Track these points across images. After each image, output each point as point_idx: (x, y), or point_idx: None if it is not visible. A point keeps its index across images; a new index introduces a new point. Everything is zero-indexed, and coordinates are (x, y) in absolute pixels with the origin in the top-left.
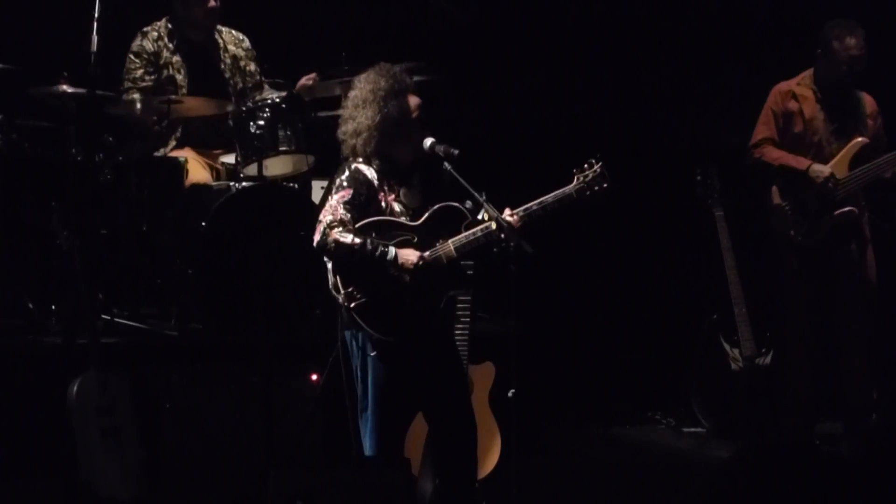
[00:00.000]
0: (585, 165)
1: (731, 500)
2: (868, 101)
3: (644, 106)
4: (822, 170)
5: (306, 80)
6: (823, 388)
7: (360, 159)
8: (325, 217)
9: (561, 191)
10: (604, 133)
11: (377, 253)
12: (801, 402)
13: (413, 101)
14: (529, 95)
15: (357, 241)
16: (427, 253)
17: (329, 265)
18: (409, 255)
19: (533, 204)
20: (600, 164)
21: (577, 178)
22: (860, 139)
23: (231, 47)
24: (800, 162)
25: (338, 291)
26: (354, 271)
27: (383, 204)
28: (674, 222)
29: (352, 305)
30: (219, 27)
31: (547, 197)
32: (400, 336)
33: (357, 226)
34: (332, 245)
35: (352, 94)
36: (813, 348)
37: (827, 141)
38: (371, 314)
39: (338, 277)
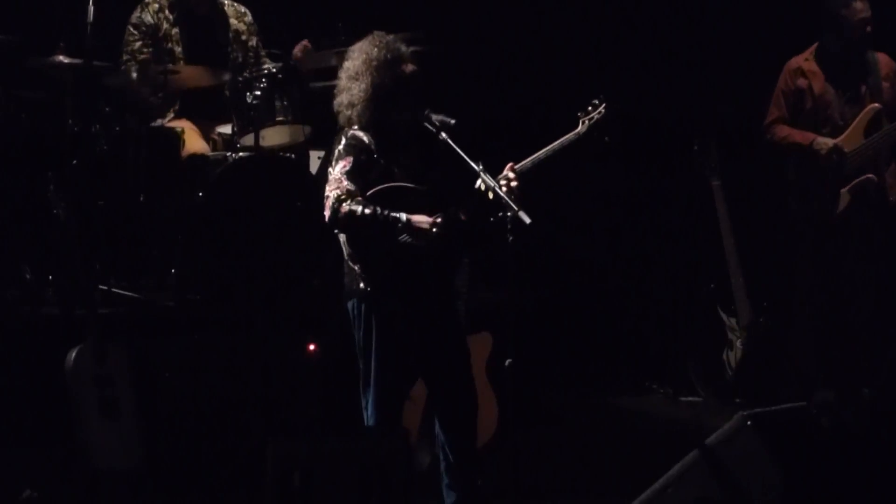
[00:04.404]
0: (590, 107)
1: (729, 469)
2: (884, 62)
3: (642, 75)
4: (824, 143)
5: (298, 48)
6: (823, 359)
7: (357, 127)
8: (332, 192)
9: (567, 137)
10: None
11: (389, 220)
12: (801, 373)
13: (408, 69)
14: (526, 65)
15: (368, 210)
16: (439, 216)
17: (342, 237)
18: (422, 220)
19: (540, 154)
20: (605, 104)
21: (583, 122)
22: (873, 105)
23: (233, 21)
24: (805, 137)
25: (354, 262)
26: (368, 240)
27: (384, 168)
28: (672, 193)
29: (366, 276)
30: (221, 0)
31: (553, 144)
32: (411, 303)
33: (365, 195)
34: (344, 218)
35: (346, 64)
36: (820, 320)
37: (840, 113)
38: (385, 283)
39: (353, 247)
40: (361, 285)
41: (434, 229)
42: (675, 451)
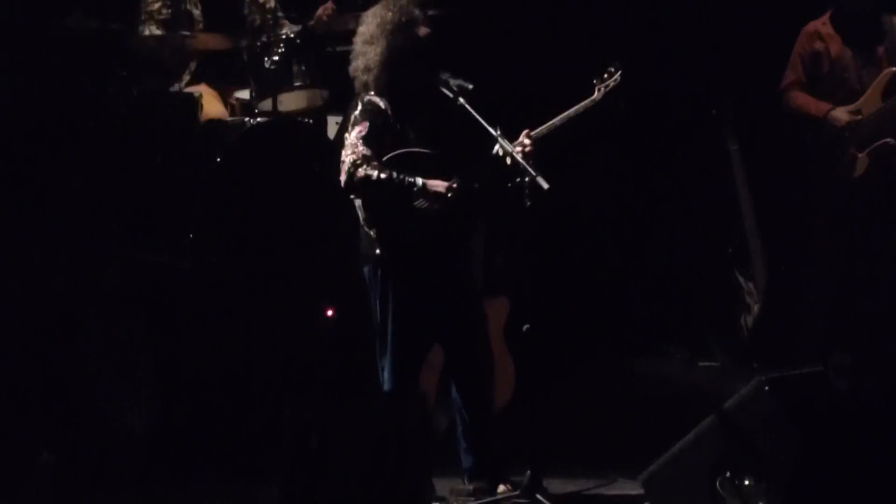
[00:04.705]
0: (605, 75)
1: (746, 434)
2: None
3: (659, 40)
4: (838, 117)
5: (323, 10)
6: (840, 323)
7: (373, 92)
8: (348, 156)
9: (582, 104)
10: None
11: (405, 184)
12: (818, 336)
13: (423, 32)
14: (542, 29)
15: (383, 175)
16: (454, 181)
17: (357, 202)
18: (438, 185)
19: (555, 120)
20: (620, 71)
21: (598, 88)
22: (890, 69)
23: None
24: (819, 109)
25: (369, 227)
26: (384, 205)
27: (400, 133)
28: (689, 157)
29: (381, 240)
30: None
31: (569, 111)
32: (427, 267)
33: (381, 160)
34: (360, 183)
35: (360, 28)
36: (838, 284)
37: (857, 76)
38: (400, 247)
39: (369, 212)
40: (377, 250)
41: (449, 194)
42: (692, 415)
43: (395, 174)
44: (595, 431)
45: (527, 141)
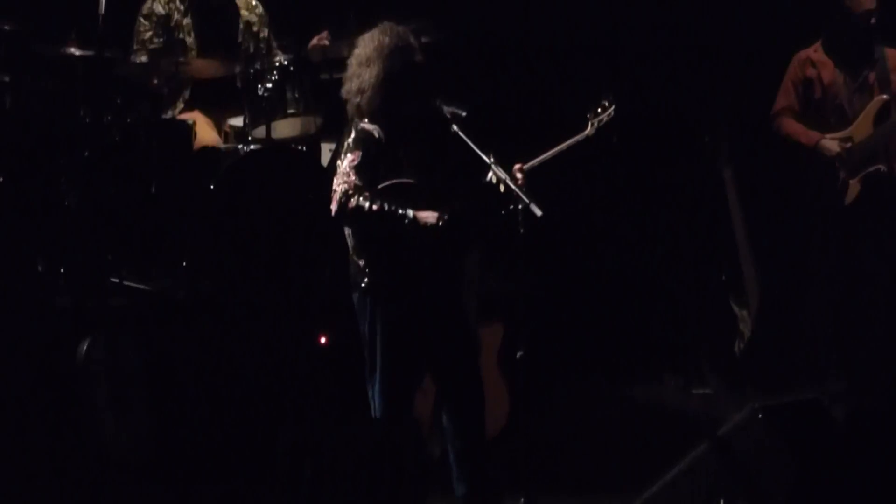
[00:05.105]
0: (599, 109)
1: (740, 461)
2: (892, 56)
3: (654, 64)
4: (829, 147)
5: (318, 39)
6: (835, 349)
7: (366, 119)
8: (340, 186)
9: (574, 139)
10: (612, 92)
11: (396, 216)
12: (814, 363)
13: (419, 59)
14: (537, 55)
15: (375, 206)
16: (445, 213)
17: (348, 230)
18: (428, 217)
19: (547, 155)
20: (614, 106)
21: (592, 123)
22: (881, 97)
23: (244, 12)
24: (809, 138)
25: (359, 256)
26: (374, 235)
27: (393, 162)
28: (683, 182)
29: (371, 269)
30: None
31: (561, 146)
32: (415, 297)
33: (373, 190)
34: (351, 213)
35: (356, 52)
36: (832, 310)
37: (849, 103)
38: (389, 277)
39: (358, 241)
40: (366, 279)
41: (440, 226)
42: (686, 442)
43: (386, 205)
44: (589, 458)
45: (519, 175)
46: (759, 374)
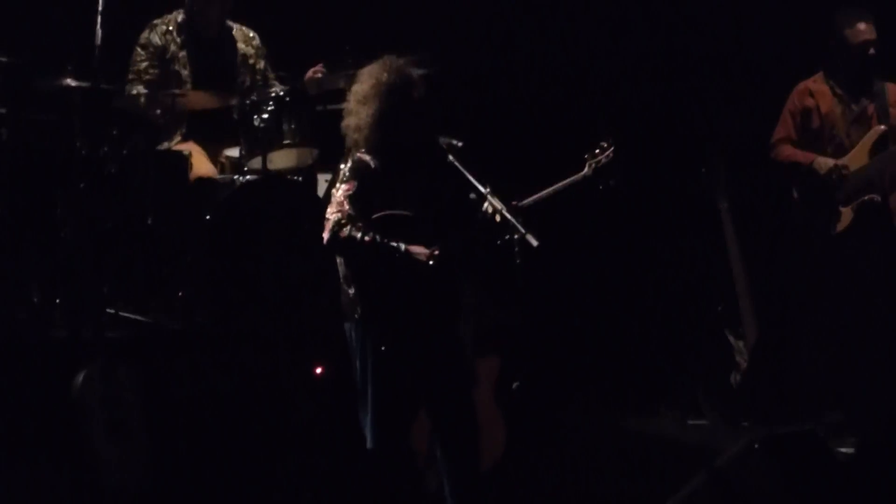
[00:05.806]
0: (597, 150)
1: (737, 492)
2: (891, 90)
3: (651, 95)
4: (824, 163)
5: (314, 72)
6: (831, 380)
7: (363, 150)
8: (333, 215)
9: (571, 179)
10: (609, 124)
11: (388, 249)
12: (810, 394)
13: (417, 94)
14: (535, 87)
15: (367, 238)
16: (437, 248)
17: (340, 259)
18: (420, 252)
19: (542, 194)
20: (612, 148)
21: (589, 164)
22: (878, 128)
23: (241, 45)
24: (806, 157)
25: (349, 285)
26: (365, 266)
27: (388, 193)
28: (679, 214)
29: (361, 300)
30: (229, 23)
31: (557, 186)
32: (407, 329)
33: (367, 221)
34: (343, 243)
35: (355, 87)
36: (828, 340)
37: (846, 133)
38: (380, 308)
39: (349, 271)
40: (357, 309)
41: (431, 262)
42: (682, 474)
43: (378, 238)
44: (585, 490)
45: (514, 204)
46: (756, 405)
